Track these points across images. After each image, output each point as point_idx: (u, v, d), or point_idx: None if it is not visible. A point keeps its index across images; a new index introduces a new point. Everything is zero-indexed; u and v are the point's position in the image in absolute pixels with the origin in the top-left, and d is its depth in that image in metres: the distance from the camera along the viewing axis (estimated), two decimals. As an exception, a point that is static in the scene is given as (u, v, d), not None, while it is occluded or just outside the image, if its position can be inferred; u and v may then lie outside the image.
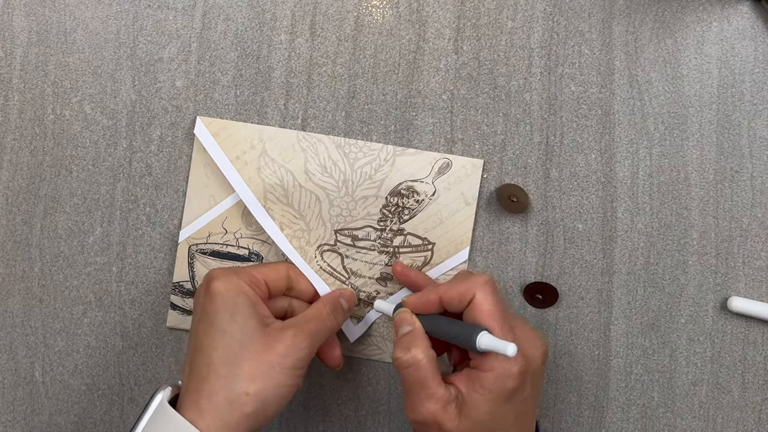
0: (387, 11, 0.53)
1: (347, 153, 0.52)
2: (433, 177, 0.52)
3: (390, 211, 0.52)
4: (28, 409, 0.54)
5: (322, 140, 0.52)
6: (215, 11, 0.53)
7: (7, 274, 0.54)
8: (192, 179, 0.53)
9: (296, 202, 0.52)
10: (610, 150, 0.53)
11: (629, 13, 0.53)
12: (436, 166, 0.52)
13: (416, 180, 0.52)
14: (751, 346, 0.53)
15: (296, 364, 0.44)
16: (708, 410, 0.53)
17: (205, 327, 0.44)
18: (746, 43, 0.53)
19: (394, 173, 0.52)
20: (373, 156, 0.52)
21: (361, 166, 0.52)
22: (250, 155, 0.52)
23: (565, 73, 0.53)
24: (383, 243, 0.52)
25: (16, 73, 0.53)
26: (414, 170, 0.52)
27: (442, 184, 0.52)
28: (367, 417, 0.54)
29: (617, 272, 0.53)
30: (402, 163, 0.52)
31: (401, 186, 0.52)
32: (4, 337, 0.54)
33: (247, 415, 0.42)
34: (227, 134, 0.52)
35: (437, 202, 0.52)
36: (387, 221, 0.52)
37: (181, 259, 0.53)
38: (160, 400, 0.43)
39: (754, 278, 0.53)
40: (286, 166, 0.52)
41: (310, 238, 0.52)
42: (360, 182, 0.52)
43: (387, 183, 0.52)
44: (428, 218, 0.52)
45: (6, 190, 0.54)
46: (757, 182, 0.53)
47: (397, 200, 0.52)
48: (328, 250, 0.52)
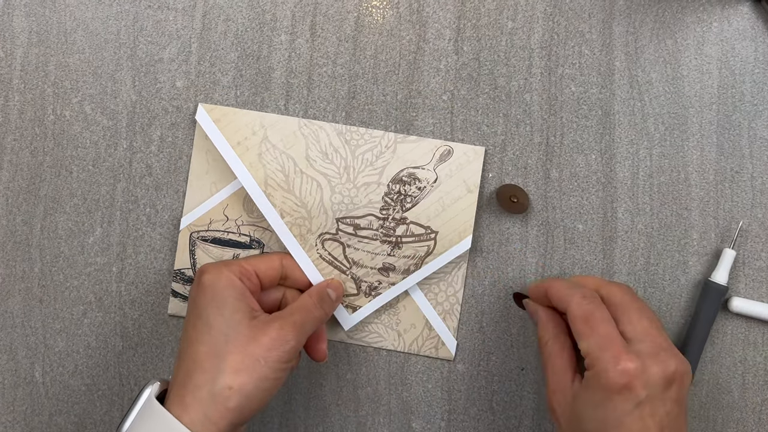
0: (387, 12, 0.53)
1: (348, 140, 0.52)
2: (434, 164, 0.52)
3: (392, 198, 0.52)
4: (28, 409, 0.54)
5: (324, 127, 0.52)
6: (215, 12, 0.53)
7: (7, 274, 0.54)
8: (193, 166, 0.53)
9: (297, 189, 0.52)
10: (610, 150, 0.53)
11: (629, 13, 0.53)
12: (438, 153, 0.52)
13: (417, 167, 0.52)
14: (751, 347, 0.53)
15: (282, 357, 0.44)
16: (708, 410, 0.53)
17: (194, 320, 0.44)
18: (746, 43, 0.53)
19: (395, 160, 0.52)
20: (374, 143, 0.52)
21: (363, 153, 0.52)
22: (251, 141, 0.52)
23: (565, 73, 0.53)
24: (386, 232, 0.52)
25: (16, 74, 0.53)
26: (415, 157, 0.52)
27: (443, 171, 0.52)
28: (367, 417, 0.54)
29: (617, 273, 0.53)
30: (403, 150, 0.52)
31: (402, 173, 0.52)
32: (4, 337, 0.54)
33: (231, 410, 0.42)
34: (228, 120, 0.52)
35: (439, 189, 0.52)
36: (389, 209, 0.52)
37: (182, 247, 0.53)
38: (148, 395, 0.43)
39: (754, 278, 0.53)
40: (287, 153, 0.52)
41: (311, 226, 0.52)
42: (361, 169, 0.52)
43: (388, 170, 0.52)
44: (431, 206, 0.52)
45: (6, 191, 0.54)
46: (757, 182, 0.53)
47: (399, 187, 0.52)
48: (329, 239, 0.52)
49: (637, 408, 0.41)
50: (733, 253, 0.52)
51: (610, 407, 0.41)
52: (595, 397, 0.42)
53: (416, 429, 0.54)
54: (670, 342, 0.44)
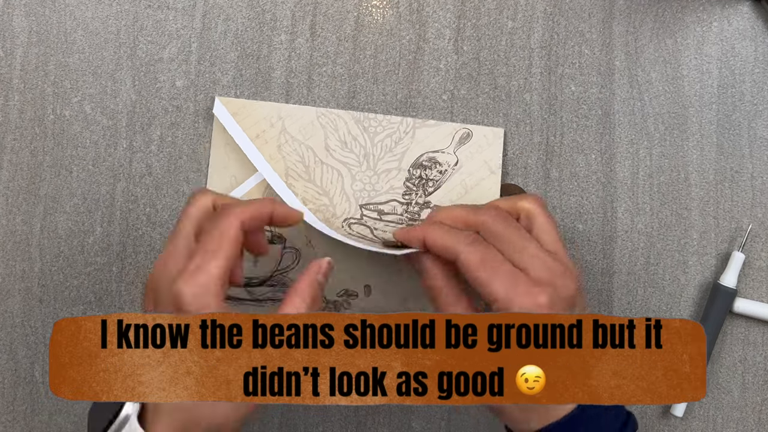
0: (387, 11, 0.53)
1: (366, 127, 0.52)
2: (454, 147, 0.52)
3: (414, 184, 0.52)
4: (28, 409, 0.54)
5: (341, 116, 0.52)
6: (215, 11, 0.53)
7: (7, 274, 0.54)
8: (213, 160, 0.52)
9: (318, 178, 0.52)
10: (610, 150, 0.53)
11: (629, 13, 0.53)
12: (457, 136, 0.52)
13: (437, 151, 0.52)
14: (751, 346, 0.53)
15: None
16: (708, 410, 0.53)
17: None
18: (746, 43, 0.53)
19: (414, 145, 0.52)
20: (392, 129, 0.52)
21: (381, 140, 0.52)
22: (269, 134, 0.52)
23: (565, 73, 0.53)
24: (411, 217, 0.52)
25: (16, 73, 0.53)
26: (434, 141, 0.52)
27: (463, 153, 0.52)
28: (367, 417, 0.54)
29: (617, 272, 0.53)
30: (422, 135, 0.52)
31: (422, 158, 0.52)
32: (4, 337, 0.54)
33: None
34: (246, 113, 0.52)
35: (461, 172, 0.52)
36: (412, 194, 0.52)
37: None
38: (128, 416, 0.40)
39: (755, 278, 0.53)
40: (306, 143, 0.52)
41: (335, 211, 0.52)
42: (381, 155, 0.52)
43: (408, 155, 0.52)
44: (453, 188, 0.52)
45: (6, 190, 0.54)
46: (757, 182, 0.53)
47: (420, 172, 0.52)
48: (355, 223, 0.52)
49: None
50: (742, 256, 0.52)
51: None
52: None
53: (416, 429, 0.54)
54: (562, 249, 0.43)
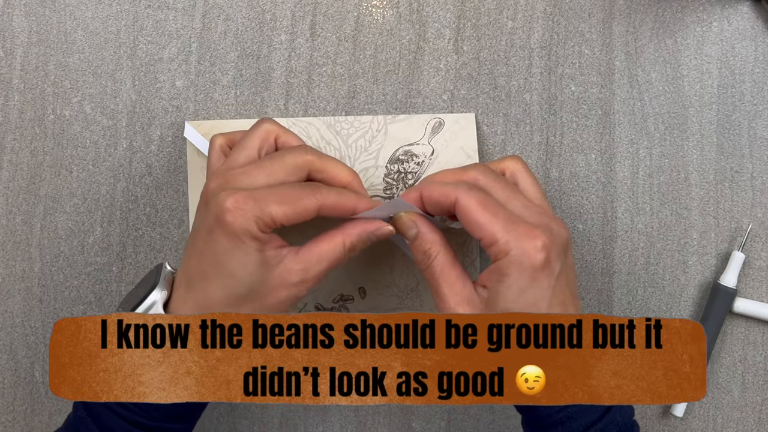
0: (387, 11, 0.53)
1: (339, 131, 0.52)
2: (428, 137, 0.52)
3: (393, 179, 0.52)
4: (28, 409, 0.54)
5: (313, 123, 0.52)
6: (215, 11, 0.53)
7: (7, 274, 0.54)
8: (191, 182, 0.52)
9: None
10: (610, 150, 0.53)
11: (629, 13, 0.53)
12: (429, 126, 0.52)
13: (412, 143, 0.52)
14: (751, 346, 0.53)
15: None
16: (708, 410, 0.53)
17: (211, 258, 0.42)
18: (746, 43, 0.53)
19: (388, 141, 0.52)
20: (365, 129, 0.52)
21: (355, 140, 0.52)
22: None
23: (565, 73, 0.53)
24: None
25: (16, 73, 0.53)
26: (408, 135, 0.52)
27: (438, 142, 0.52)
28: (367, 417, 0.54)
29: (617, 272, 0.53)
30: (395, 130, 0.52)
31: (398, 152, 0.52)
32: (4, 337, 0.54)
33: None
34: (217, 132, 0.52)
35: (438, 161, 0.52)
36: (393, 189, 0.52)
37: None
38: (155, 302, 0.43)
39: (755, 278, 0.53)
40: None
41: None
42: (357, 156, 0.52)
43: (384, 152, 0.52)
44: None
45: (6, 190, 0.54)
46: (757, 182, 0.53)
47: (398, 167, 0.52)
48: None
49: (557, 280, 0.40)
50: (742, 256, 0.52)
51: (537, 287, 0.40)
52: (520, 283, 0.40)
53: (416, 429, 0.54)
54: (547, 204, 0.44)
